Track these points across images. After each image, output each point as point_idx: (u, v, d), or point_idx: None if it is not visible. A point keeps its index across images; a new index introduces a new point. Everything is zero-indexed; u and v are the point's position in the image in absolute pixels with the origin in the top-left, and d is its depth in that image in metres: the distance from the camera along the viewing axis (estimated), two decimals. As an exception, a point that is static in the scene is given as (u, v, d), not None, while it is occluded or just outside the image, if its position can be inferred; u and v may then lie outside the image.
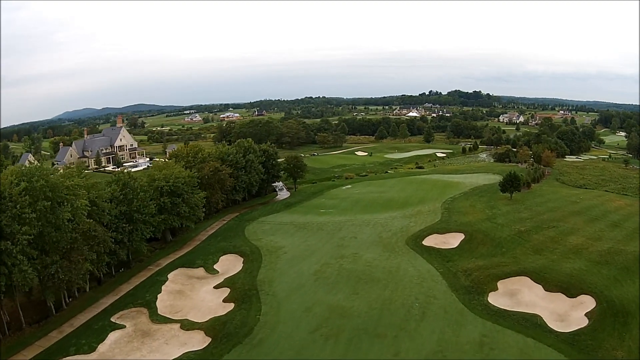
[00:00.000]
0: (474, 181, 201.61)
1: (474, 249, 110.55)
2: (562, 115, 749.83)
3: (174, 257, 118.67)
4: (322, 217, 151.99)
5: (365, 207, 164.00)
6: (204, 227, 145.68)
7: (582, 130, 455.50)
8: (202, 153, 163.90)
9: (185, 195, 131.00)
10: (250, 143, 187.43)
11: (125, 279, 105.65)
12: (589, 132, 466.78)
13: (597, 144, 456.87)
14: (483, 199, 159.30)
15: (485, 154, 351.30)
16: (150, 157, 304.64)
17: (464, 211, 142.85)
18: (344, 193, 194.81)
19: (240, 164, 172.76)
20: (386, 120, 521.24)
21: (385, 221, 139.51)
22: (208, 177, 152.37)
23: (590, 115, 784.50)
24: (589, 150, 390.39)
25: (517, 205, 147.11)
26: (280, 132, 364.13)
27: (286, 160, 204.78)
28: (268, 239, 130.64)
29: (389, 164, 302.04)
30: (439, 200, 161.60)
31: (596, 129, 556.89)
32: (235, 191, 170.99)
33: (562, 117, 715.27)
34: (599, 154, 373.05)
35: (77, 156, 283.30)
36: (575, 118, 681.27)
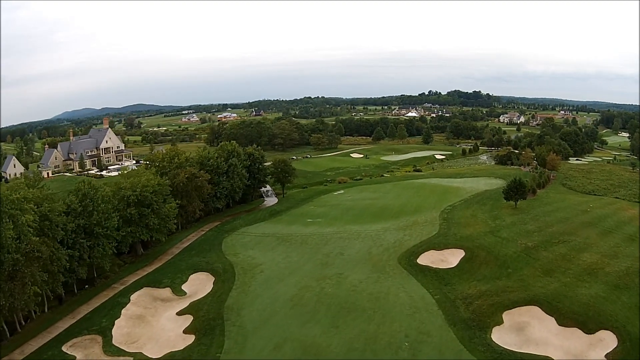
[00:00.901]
0: (475, 186, 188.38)
1: (475, 270, 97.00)
2: (562, 116, 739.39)
3: (142, 274, 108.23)
4: (309, 227, 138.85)
5: (357, 216, 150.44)
6: (179, 239, 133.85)
7: (585, 131, 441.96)
8: (179, 158, 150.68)
9: (155, 205, 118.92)
10: (233, 146, 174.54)
11: (86, 298, 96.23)
12: (591, 132, 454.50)
13: (600, 145, 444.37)
14: (485, 207, 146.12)
15: (485, 156, 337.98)
16: (137, 159, 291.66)
17: (465, 222, 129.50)
18: (335, 199, 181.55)
19: (222, 169, 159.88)
20: (384, 121, 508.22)
21: (377, 234, 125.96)
22: (183, 185, 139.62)
23: (591, 115, 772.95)
24: (592, 151, 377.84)
25: (522, 215, 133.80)
26: (272, 133, 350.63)
27: (273, 164, 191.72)
28: (246, 254, 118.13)
29: (385, 166, 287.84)
30: (437, 209, 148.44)
31: (598, 129, 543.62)
32: (216, 198, 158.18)
33: (562, 117, 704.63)
34: (603, 156, 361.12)
35: (62, 159, 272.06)
36: (577, 118, 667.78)
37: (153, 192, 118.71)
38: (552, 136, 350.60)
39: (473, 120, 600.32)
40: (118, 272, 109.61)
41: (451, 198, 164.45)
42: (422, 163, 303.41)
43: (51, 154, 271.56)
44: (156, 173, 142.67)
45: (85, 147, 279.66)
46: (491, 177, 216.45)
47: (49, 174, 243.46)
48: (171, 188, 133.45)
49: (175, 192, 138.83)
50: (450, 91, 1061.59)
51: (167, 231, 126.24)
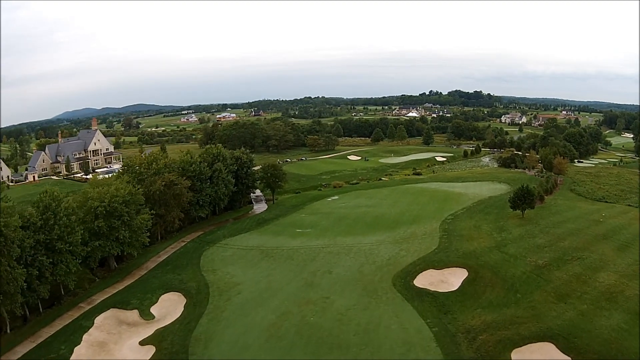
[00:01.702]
0: (478, 192, 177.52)
1: (479, 294, 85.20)
2: (564, 116, 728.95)
3: (112, 292, 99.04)
4: (297, 239, 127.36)
5: (350, 226, 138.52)
6: (156, 251, 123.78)
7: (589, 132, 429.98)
8: (157, 163, 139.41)
9: (126, 217, 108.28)
10: (219, 149, 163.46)
11: (51, 319, 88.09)
12: (595, 133, 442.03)
13: (604, 146, 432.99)
14: (490, 217, 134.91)
15: (488, 158, 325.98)
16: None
17: (467, 235, 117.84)
18: (328, 206, 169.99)
19: (205, 175, 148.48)
20: (384, 121, 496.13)
21: (371, 248, 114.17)
22: (161, 193, 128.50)
23: (594, 115, 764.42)
24: (596, 152, 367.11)
25: (530, 226, 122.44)
26: (266, 134, 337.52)
27: (262, 169, 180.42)
28: (225, 270, 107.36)
29: (383, 169, 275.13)
30: (437, 219, 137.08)
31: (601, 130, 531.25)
32: (198, 206, 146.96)
33: (564, 117, 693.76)
34: (608, 157, 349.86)
35: (50, 161, 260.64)
36: (579, 119, 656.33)
37: (124, 202, 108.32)
38: (556, 137, 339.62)
39: (474, 120, 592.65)
40: (88, 289, 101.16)
41: (453, 206, 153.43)
42: (422, 166, 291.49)
43: (39, 156, 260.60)
44: (133, 180, 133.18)
45: (73, 149, 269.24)
46: (495, 181, 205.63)
47: (35, 177, 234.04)
48: (147, 197, 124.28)
49: (153, 201, 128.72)
50: (451, 91, 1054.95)
51: (140, 245, 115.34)
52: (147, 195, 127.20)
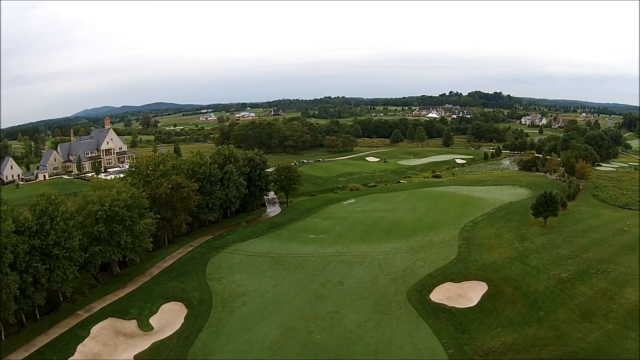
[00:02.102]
0: (499, 197, 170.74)
1: (499, 311, 79.03)
2: (584, 118, 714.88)
3: (111, 299, 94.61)
4: (309, 246, 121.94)
5: (365, 232, 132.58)
6: (162, 256, 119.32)
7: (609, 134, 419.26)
8: (165, 165, 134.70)
9: (128, 221, 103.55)
10: (231, 150, 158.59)
11: (47, 326, 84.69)
12: (615, 136, 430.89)
13: (624, 149, 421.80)
14: (511, 224, 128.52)
15: (508, 161, 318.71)
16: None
17: (488, 244, 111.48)
18: (343, 210, 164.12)
19: (216, 177, 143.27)
20: (403, 122, 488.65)
21: (386, 257, 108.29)
22: (167, 196, 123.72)
23: (613, 118, 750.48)
24: (616, 156, 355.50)
25: (553, 234, 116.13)
26: (283, 134, 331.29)
27: (276, 171, 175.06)
28: (231, 279, 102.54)
29: (402, 172, 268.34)
30: (456, 225, 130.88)
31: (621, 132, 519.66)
32: (208, 210, 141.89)
33: (584, 119, 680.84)
34: (628, 161, 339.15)
35: (62, 160, 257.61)
36: (599, 121, 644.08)
37: (125, 206, 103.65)
38: (577, 140, 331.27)
39: (494, 122, 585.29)
40: (87, 295, 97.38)
41: (472, 211, 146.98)
42: (442, 168, 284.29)
43: (50, 155, 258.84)
44: (139, 182, 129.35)
45: (85, 148, 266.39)
46: (516, 185, 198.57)
47: (46, 176, 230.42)
48: (153, 200, 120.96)
49: (159, 204, 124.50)
50: (471, 92, 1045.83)
51: (142, 250, 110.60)
52: (153, 199, 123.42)
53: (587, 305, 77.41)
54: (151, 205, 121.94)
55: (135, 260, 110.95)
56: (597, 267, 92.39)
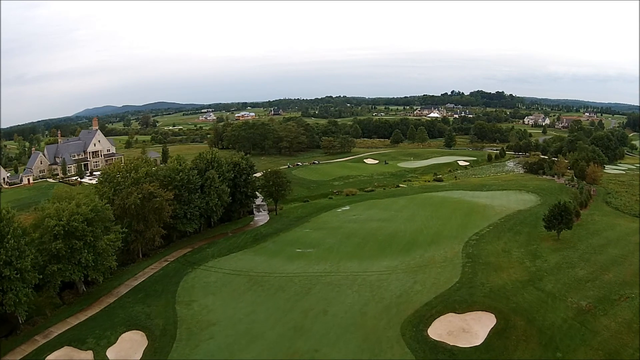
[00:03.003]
0: (505, 204, 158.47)
1: (510, 351, 65.89)
2: (587, 118, 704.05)
3: (73, 323, 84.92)
4: (294, 263, 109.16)
5: (358, 246, 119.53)
6: (133, 273, 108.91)
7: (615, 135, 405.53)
8: (138, 172, 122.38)
9: (89, 237, 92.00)
10: (214, 154, 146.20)
11: (2, 353, 76.42)
12: (621, 137, 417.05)
13: (630, 150, 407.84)
14: (520, 237, 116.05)
15: (512, 163, 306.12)
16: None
17: (495, 262, 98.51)
18: (336, 219, 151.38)
19: (194, 184, 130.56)
20: (404, 122, 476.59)
21: (379, 278, 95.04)
22: (137, 207, 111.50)
23: (616, 118, 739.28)
24: (623, 157, 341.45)
25: (568, 251, 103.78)
26: (277, 135, 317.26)
27: (264, 176, 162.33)
28: (203, 302, 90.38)
29: (402, 175, 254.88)
30: (459, 239, 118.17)
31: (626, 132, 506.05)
32: (186, 220, 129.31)
33: (587, 119, 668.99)
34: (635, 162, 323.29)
35: (48, 163, 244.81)
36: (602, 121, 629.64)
37: (86, 220, 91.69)
38: (584, 141, 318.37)
39: (497, 121, 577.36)
40: (49, 317, 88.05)
41: (477, 221, 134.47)
42: (444, 170, 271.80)
43: (36, 157, 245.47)
44: (109, 191, 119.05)
45: (72, 150, 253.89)
46: (522, 190, 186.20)
47: (30, 180, 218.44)
48: (123, 210, 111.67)
49: (130, 215, 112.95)
50: (473, 91, 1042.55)
51: (105, 269, 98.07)
52: (123, 209, 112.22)
53: (611, 343, 65.14)
54: (121, 217, 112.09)
55: (98, 281, 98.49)
56: (619, 293, 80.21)
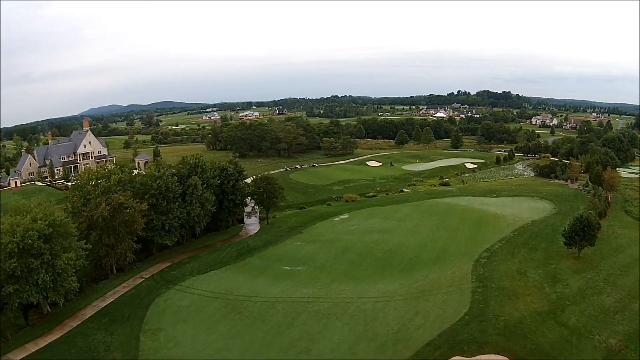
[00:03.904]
0: (517, 213, 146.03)
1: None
2: (595, 118, 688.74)
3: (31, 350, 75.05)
4: (280, 284, 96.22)
5: (353, 264, 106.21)
6: (103, 291, 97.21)
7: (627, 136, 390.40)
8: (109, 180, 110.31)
9: (47, 255, 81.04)
10: (197, 159, 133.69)
11: None
12: (632, 138, 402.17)
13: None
14: (536, 254, 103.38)
15: (522, 165, 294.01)
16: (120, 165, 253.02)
17: (510, 288, 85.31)
18: (332, 230, 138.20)
19: (174, 192, 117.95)
20: (410, 122, 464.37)
21: (375, 307, 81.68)
22: (104, 219, 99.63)
23: (624, 118, 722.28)
24: (634, 159, 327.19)
25: (590, 272, 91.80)
26: (275, 136, 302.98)
27: (254, 183, 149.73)
28: (171, 332, 78.21)
29: (406, 178, 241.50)
30: (468, 255, 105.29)
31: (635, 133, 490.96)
32: (164, 232, 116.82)
33: (595, 119, 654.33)
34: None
35: (37, 165, 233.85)
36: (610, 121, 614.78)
37: (42, 237, 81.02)
38: (595, 143, 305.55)
39: (504, 122, 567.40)
40: (9, 340, 79.60)
41: (488, 234, 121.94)
42: (451, 173, 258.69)
43: (25, 159, 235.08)
44: (78, 201, 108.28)
45: (61, 152, 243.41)
46: (535, 197, 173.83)
47: (17, 183, 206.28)
48: (91, 223, 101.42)
49: (101, 228, 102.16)
50: (479, 91, 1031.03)
51: (65, 291, 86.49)
52: (91, 221, 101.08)
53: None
54: (91, 229, 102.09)
55: (59, 303, 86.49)
56: (652, 324, 67.64)
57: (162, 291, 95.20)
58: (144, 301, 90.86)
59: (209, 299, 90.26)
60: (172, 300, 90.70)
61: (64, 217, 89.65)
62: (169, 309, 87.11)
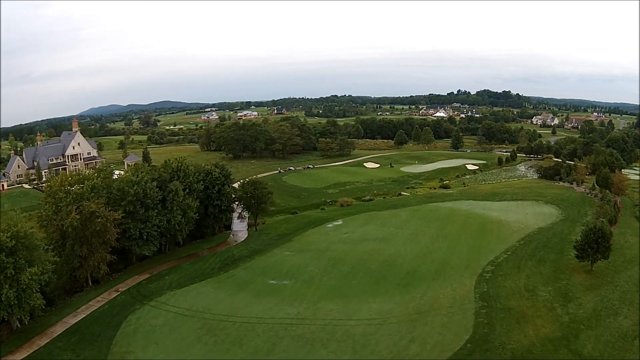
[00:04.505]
0: (522, 219, 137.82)
1: None
2: (596, 118, 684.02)
3: None
4: (262, 301, 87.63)
5: (345, 279, 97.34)
6: (75, 306, 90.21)
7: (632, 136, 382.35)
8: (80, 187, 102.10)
9: (10, 269, 74.17)
10: (180, 162, 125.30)
11: None
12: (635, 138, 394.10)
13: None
14: (545, 267, 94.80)
15: (524, 166, 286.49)
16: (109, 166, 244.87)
17: (517, 309, 76.59)
18: (325, 238, 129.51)
19: (152, 199, 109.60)
20: (409, 122, 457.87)
21: (365, 331, 72.73)
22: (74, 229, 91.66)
23: (625, 118, 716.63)
24: (637, 159, 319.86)
25: (605, 288, 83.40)
26: (270, 137, 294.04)
27: (241, 187, 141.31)
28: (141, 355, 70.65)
29: (405, 181, 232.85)
30: (470, 269, 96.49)
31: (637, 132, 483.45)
32: (142, 241, 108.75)
33: (596, 119, 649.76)
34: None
35: (26, 167, 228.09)
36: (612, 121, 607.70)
37: (5, 249, 74.16)
38: (600, 143, 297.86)
39: (504, 121, 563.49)
40: None
41: (492, 244, 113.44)
42: (451, 175, 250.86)
43: (14, 161, 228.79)
44: (49, 209, 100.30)
45: (50, 153, 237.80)
46: (540, 201, 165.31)
47: (4, 186, 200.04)
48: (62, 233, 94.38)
49: (72, 238, 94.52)
50: (479, 91, 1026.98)
51: (30, 309, 79.51)
52: (61, 231, 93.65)
53: None
54: (63, 239, 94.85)
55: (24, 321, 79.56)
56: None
57: (137, 307, 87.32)
58: (116, 318, 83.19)
59: (184, 317, 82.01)
60: (146, 319, 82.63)
61: (29, 228, 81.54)
62: (141, 328, 79.10)
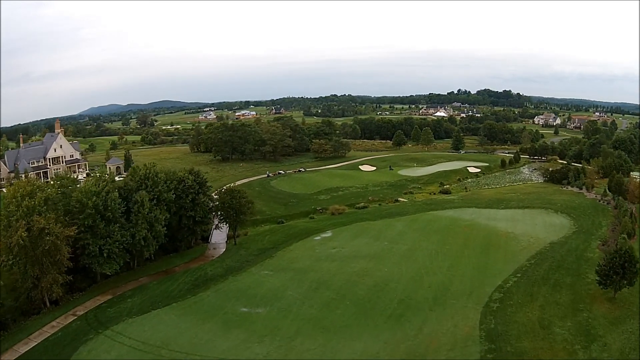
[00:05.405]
0: (531, 231, 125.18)
1: None
2: (598, 118, 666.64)
3: None
4: (229, 335, 75.09)
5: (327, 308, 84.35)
6: (29, 331, 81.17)
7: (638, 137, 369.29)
8: (31, 199, 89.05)
9: None
10: (149, 169, 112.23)
11: None
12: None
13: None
14: (561, 295, 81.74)
15: (528, 168, 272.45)
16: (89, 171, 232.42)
17: (531, 352, 62.99)
18: (310, 254, 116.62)
19: (114, 212, 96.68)
20: (409, 121, 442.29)
21: None
22: (26, 247, 79.40)
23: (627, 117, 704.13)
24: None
25: (630, 321, 70.96)
26: (260, 138, 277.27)
27: (218, 197, 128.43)
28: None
29: (402, 185, 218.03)
30: (474, 297, 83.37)
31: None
32: (103, 258, 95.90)
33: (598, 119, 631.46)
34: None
35: (7, 170, 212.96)
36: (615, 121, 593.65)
37: None
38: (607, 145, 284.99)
39: (506, 121, 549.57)
40: None
41: (498, 263, 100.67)
42: (452, 179, 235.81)
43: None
44: None
45: (31, 156, 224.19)
46: (549, 209, 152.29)
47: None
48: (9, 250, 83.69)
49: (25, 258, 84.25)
50: (479, 90, 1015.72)
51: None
52: (9, 249, 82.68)
53: None
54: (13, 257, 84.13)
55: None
56: None
57: (90, 337, 76.62)
58: (66, 350, 73.10)
59: (138, 353, 70.31)
60: (97, 352, 71.96)
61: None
62: (92, 364, 66.72)
